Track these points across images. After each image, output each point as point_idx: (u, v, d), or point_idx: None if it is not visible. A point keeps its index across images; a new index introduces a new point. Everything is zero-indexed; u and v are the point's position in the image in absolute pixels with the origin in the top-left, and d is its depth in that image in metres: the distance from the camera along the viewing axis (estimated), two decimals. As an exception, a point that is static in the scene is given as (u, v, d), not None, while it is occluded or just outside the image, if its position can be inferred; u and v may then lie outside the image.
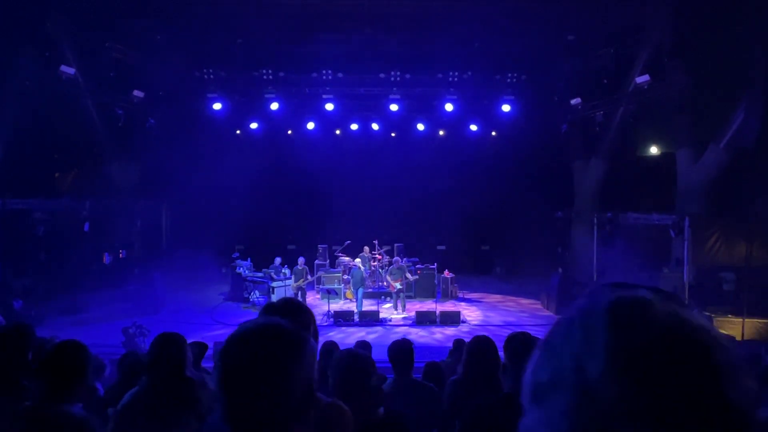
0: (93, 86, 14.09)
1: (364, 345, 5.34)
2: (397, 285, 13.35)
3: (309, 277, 13.69)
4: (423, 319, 12.53)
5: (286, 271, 14.24)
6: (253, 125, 18.07)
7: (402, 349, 3.75)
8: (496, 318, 13.32)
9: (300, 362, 1.09)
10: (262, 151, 18.29)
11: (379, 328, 12.09)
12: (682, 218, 12.35)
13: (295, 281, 13.58)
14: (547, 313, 13.78)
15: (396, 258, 14.35)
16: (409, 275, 13.80)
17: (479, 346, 3.32)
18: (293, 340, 1.12)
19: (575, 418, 0.63)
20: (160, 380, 2.66)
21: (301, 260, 13.93)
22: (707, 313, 11.32)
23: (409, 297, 14.60)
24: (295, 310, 1.87)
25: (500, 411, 2.37)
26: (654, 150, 15.77)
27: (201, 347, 4.65)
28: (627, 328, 0.63)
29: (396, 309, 13.51)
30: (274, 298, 13.39)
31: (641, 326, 0.63)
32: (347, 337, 11.08)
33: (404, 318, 13.11)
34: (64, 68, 13.01)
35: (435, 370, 4.61)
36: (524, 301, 15.31)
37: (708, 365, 0.62)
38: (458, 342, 6.27)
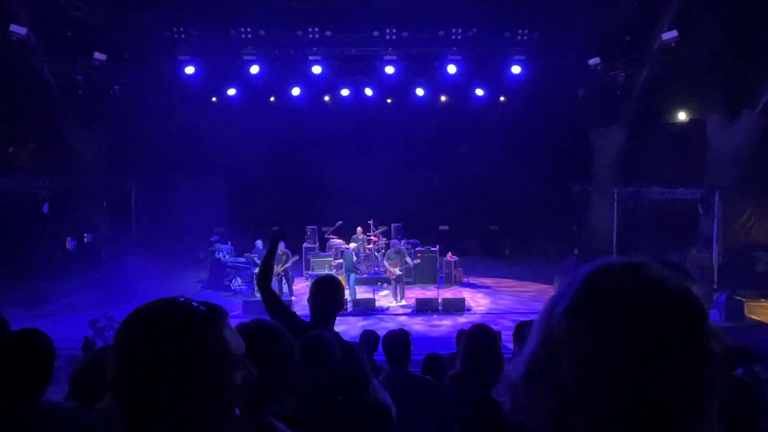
0: (48, 48, 13.90)
1: (368, 335, 5.39)
2: (396, 270, 13.42)
3: (290, 261, 13.80)
4: (424, 308, 12.63)
5: None
6: (231, 91, 17.99)
7: (397, 340, 3.84)
8: (505, 305, 13.46)
9: (192, 347, 1.05)
10: (241, 121, 18.23)
11: (375, 318, 12.24)
12: (712, 192, 12.42)
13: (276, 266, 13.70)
14: (562, 298, 13.89)
15: (394, 240, 14.35)
16: (408, 259, 13.87)
17: (477, 335, 3.39)
18: (199, 322, 1.09)
19: (534, 359, 0.73)
20: None
21: (280, 244, 13.95)
22: (738, 298, 11.45)
23: (409, 283, 14.69)
24: (267, 338, 1.85)
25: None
26: (682, 116, 15.69)
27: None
28: (599, 280, 0.73)
29: (395, 297, 13.60)
30: None
31: (614, 280, 0.72)
32: (338, 327, 11.17)
33: (403, 306, 13.23)
34: (14, 28, 12.74)
35: (434, 363, 4.69)
36: (536, 286, 15.44)
37: (673, 324, 0.69)
38: (462, 333, 6.25)
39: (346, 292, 13.63)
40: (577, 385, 0.70)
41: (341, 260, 13.69)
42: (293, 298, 13.10)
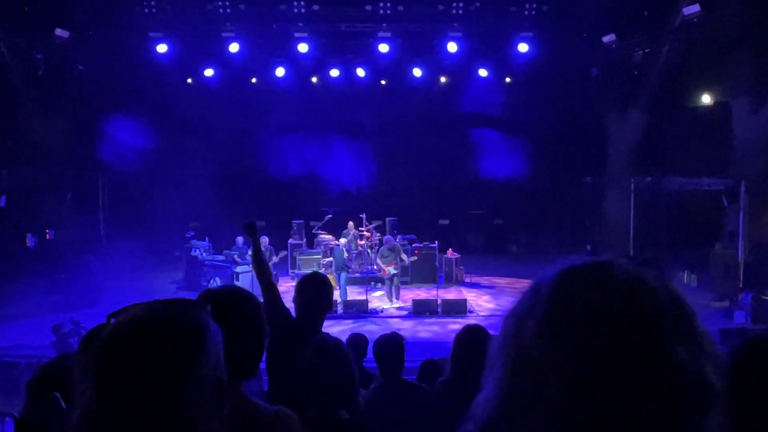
0: (2, 24, 13.76)
1: (356, 339, 5.39)
2: (391, 269, 13.45)
3: (275, 257, 13.82)
4: (421, 310, 12.68)
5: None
6: (209, 72, 17.93)
7: (389, 345, 3.80)
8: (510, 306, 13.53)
9: (197, 362, 1.05)
10: (220, 105, 18.18)
11: (367, 321, 12.29)
12: (738, 183, 12.41)
13: None
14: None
15: (388, 236, 14.37)
16: (404, 257, 13.89)
17: (469, 337, 3.37)
18: (188, 332, 1.06)
19: (511, 390, 0.74)
20: None
21: (264, 240, 13.88)
22: (766, 297, 11.47)
23: (405, 283, 14.73)
24: (238, 301, 1.90)
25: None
26: (705, 99, 15.69)
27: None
28: (569, 289, 0.73)
29: (389, 298, 13.65)
30: (240, 285, 13.32)
31: (585, 287, 0.72)
32: (326, 331, 11.19)
33: (398, 308, 13.29)
34: (-36, 2, 12.69)
35: (432, 371, 4.65)
36: (545, 286, 15.51)
37: (653, 332, 0.70)
38: (465, 332, 6.25)
39: (336, 293, 13.64)
40: (571, 409, 0.70)
41: (331, 258, 13.72)
42: (277, 300, 13.03)
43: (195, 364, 1.04)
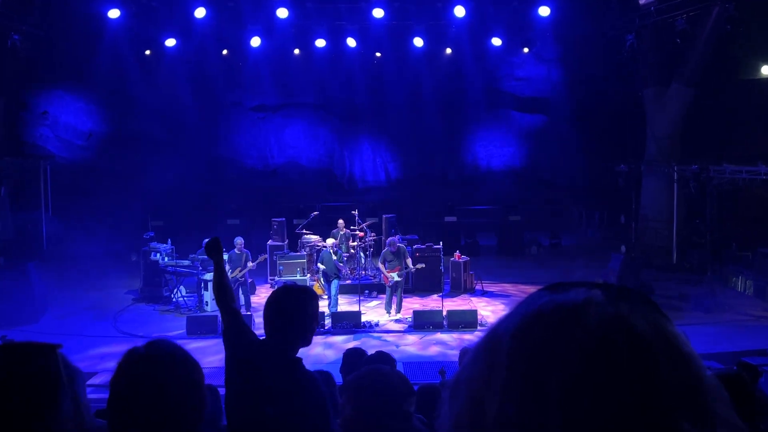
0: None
1: (354, 358, 5.30)
2: (394, 276, 13.41)
3: (251, 263, 13.83)
4: (423, 322, 12.68)
5: (224, 256, 14.11)
6: (170, 42, 17.76)
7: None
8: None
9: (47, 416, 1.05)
10: (184, 81, 18.11)
11: (360, 337, 12.27)
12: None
13: (232, 271, 13.62)
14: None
15: (393, 238, 14.16)
16: (409, 261, 13.82)
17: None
18: (36, 387, 1.10)
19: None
20: None
21: (238, 241, 13.99)
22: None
23: (405, 291, 14.54)
24: (167, 368, 1.83)
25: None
26: (764, 71, 15.61)
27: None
28: (536, 349, 0.71)
29: (387, 309, 13.66)
30: (209, 295, 13.55)
31: (554, 346, 0.70)
32: (311, 350, 10.95)
33: (398, 320, 13.29)
34: None
35: (432, 398, 4.48)
36: (571, 294, 15.46)
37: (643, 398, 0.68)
38: (466, 352, 6.20)
39: (323, 304, 13.78)
40: None
41: (321, 265, 13.63)
42: (249, 313, 12.92)
43: (45, 418, 1.09)
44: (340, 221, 15.75)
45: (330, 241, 14.28)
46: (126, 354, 1.83)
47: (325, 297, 13.92)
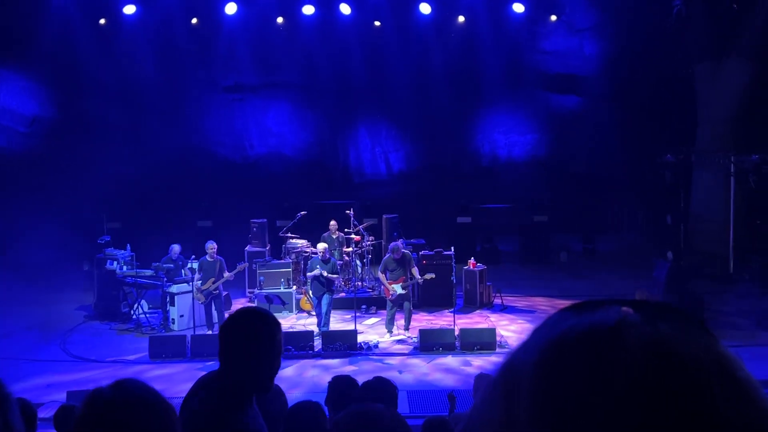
0: None
1: (341, 386, 5.07)
2: (397, 288, 13.06)
3: (227, 274, 13.53)
4: (431, 343, 12.44)
5: (194, 265, 14.03)
6: (129, 9, 17.45)
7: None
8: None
9: None
10: (146, 56, 17.75)
11: (356, 360, 12.00)
12: None
13: (203, 282, 13.40)
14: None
15: (396, 243, 13.72)
16: (415, 271, 13.36)
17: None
18: None
19: None
20: None
21: (210, 246, 13.69)
22: None
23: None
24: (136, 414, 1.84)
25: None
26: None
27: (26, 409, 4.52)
28: (565, 385, 0.70)
29: (389, 327, 13.31)
30: (176, 311, 13.58)
31: (586, 382, 0.69)
32: (300, 374, 11.04)
33: (400, 341, 13.06)
34: None
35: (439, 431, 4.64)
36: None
37: None
38: (482, 379, 6.21)
39: (310, 320, 13.93)
40: None
41: (316, 271, 13.17)
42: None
43: None
44: (333, 223, 15.50)
45: (321, 246, 13.82)
46: (88, 398, 1.85)
47: (314, 314, 13.89)
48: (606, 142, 17.14)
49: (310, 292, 13.62)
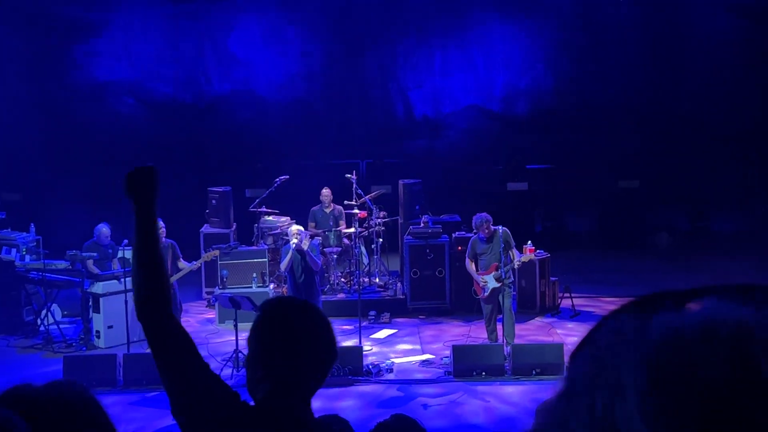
0: None
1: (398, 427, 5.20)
2: (490, 281, 13.27)
3: (184, 263, 14.02)
4: (469, 365, 12.71)
5: (129, 254, 13.99)
6: None
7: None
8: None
9: None
10: None
11: (362, 393, 12.35)
12: None
13: None
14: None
15: (480, 217, 13.88)
16: (514, 252, 13.63)
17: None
18: None
19: None
20: None
21: (158, 223, 13.91)
22: None
23: (443, 312, 15.15)
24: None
25: None
26: None
27: None
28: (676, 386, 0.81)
29: (491, 338, 13.60)
30: (102, 320, 13.92)
31: (676, 398, 0.80)
32: None
33: (423, 362, 13.40)
34: None
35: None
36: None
37: None
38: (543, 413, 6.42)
39: None
40: None
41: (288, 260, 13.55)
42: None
43: None
44: (325, 191, 15.80)
45: (294, 228, 14.11)
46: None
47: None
48: (723, 77, 17.21)
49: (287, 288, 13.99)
